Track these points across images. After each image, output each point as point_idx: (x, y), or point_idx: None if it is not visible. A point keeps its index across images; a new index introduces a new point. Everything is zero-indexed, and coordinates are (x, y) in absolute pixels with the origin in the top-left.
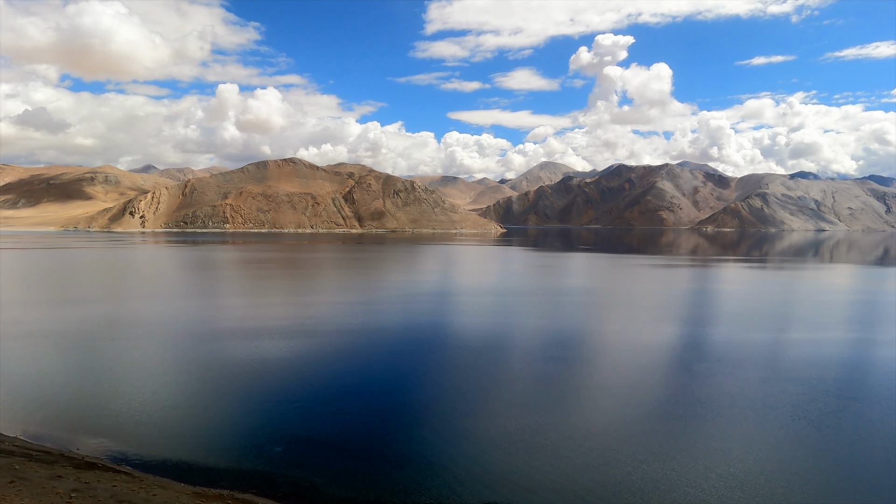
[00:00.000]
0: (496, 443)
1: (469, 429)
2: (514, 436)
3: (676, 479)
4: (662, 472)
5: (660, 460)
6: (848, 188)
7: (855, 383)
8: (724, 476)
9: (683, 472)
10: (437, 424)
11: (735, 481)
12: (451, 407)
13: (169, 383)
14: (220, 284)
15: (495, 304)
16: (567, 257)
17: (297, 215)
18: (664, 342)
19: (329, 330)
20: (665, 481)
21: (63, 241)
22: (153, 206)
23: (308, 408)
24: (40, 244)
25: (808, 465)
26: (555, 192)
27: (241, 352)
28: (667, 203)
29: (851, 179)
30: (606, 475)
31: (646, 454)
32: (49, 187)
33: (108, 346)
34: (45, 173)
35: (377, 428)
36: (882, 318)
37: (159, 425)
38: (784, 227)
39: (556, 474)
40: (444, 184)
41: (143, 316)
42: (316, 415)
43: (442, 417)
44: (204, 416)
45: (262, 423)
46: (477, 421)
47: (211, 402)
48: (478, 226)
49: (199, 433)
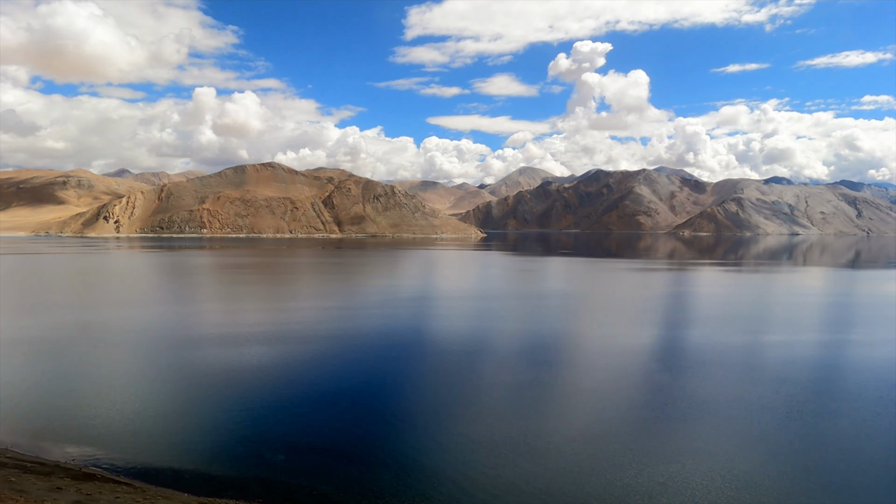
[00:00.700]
0: (482, 447)
1: (455, 433)
2: (500, 440)
3: (663, 482)
4: (647, 475)
5: (645, 464)
6: (820, 193)
7: (839, 383)
8: (712, 478)
9: (668, 475)
10: (422, 429)
11: (724, 483)
12: (436, 412)
13: (159, 390)
14: (199, 290)
15: (479, 308)
16: (547, 261)
17: (275, 220)
18: (646, 345)
19: (315, 336)
20: (650, 485)
21: (35, 246)
22: (128, 211)
23: (305, 414)
24: (11, 249)
25: (797, 465)
26: (534, 197)
27: (229, 358)
28: (644, 208)
29: (823, 184)
30: (593, 479)
31: (631, 458)
32: (19, 191)
33: (91, 353)
34: (14, 177)
35: (372, 434)
36: (858, 319)
37: (154, 434)
38: (759, 231)
39: (545, 478)
40: (424, 188)
41: (123, 322)
42: (312, 421)
43: (427, 422)
44: (199, 424)
45: (261, 430)
46: (463, 425)
47: (204, 410)
48: (458, 230)
49: (195, 441)
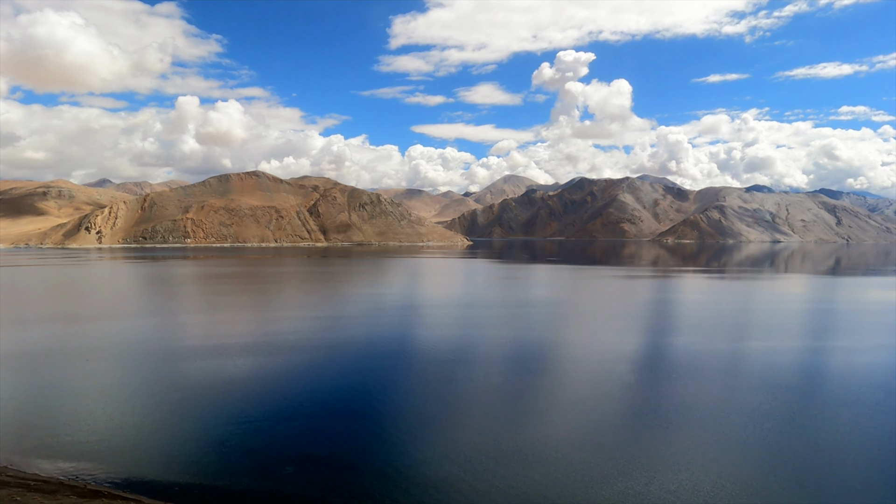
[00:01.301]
0: (475, 456)
1: (446, 442)
2: (492, 449)
3: (653, 490)
4: (637, 483)
5: (634, 473)
6: (801, 201)
7: (826, 389)
8: (702, 485)
9: (658, 483)
10: (414, 439)
11: (714, 489)
12: (428, 421)
13: (155, 403)
14: (185, 301)
15: (468, 316)
16: (534, 269)
17: (260, 229)
18: (634, 353)
19: (306, 346)
20: (641, 493)
21: (15, 258)
22: (110, 221)
23: (306, 425)
24: None
25: (787, 471)
26: (519, 204)
27: (223, 369)
28: (628, 215)
29: (803, 193)
30: (584, 487)
31: (620, 466)
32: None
33: (84, 367)
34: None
35: (367, 444)
36: (841, 325)
37: (155, 448)
38: (742, 238)
39: (536, 487)
40: (409, 196)
41: (113, 335)
42: (311, 432)
43: (419, 432)
44: (199, 437)
45: (262, 442)
46: (453, 434)
47: (203, 422)
48: (444, 238)
49: (198, 454)
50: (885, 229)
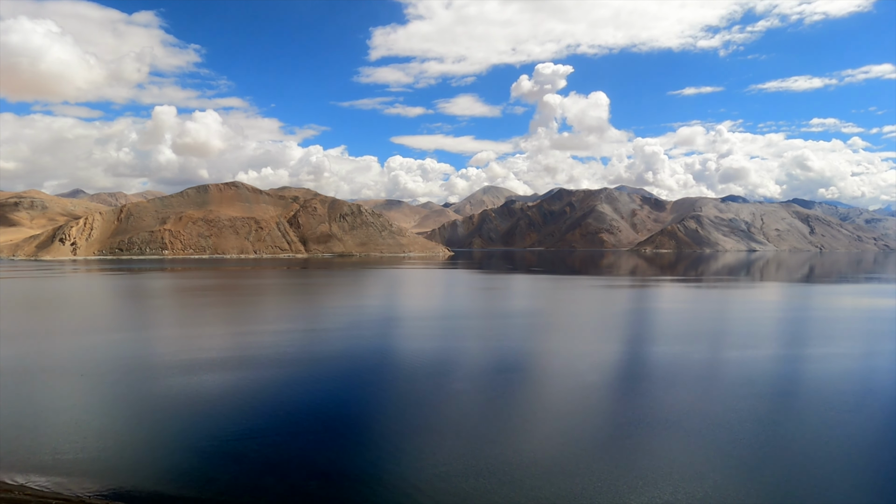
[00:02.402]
0: (451, 467)
1: (424, 454)
2: (471, 460)
3: (631, 501)
4: (618, 495)
5: (614, 484)
6: (775, 211)
7: (806, 395)
8: (684, 492)
9: (638, 495)
10: (391, 450)
11: (694, 497)
12: (405, 433)
13: (159, 419)
14: (166, 315)
15: (453, 327)
16: (517, 279)
17: (239, 240)
18: (614, 363)
19: (293, 359)
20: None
21: None
22: (86, 233)
23: (291, 439)
24: None
25: (768, 478)
26: (498, 215)
27: (209, 384)
28: (607, 225)
29: (777, 202)
30: (561, 500)
31: (599, 477)
32: None
33: (80, 382)
34: None
35: (352, 456)
36: (822, 332)
37: (165, 462)
38: (718, 247)
39: (514, 499)
40: (389, 207)
41: (102, 349)
42: (296, 446)
43: (396, 443)
44: (206, 451)
45: (250, 454)
46: (437, 447)
47: (208, 436)
48: (426, 249)
49: (210, 469)
50: (856, 238)
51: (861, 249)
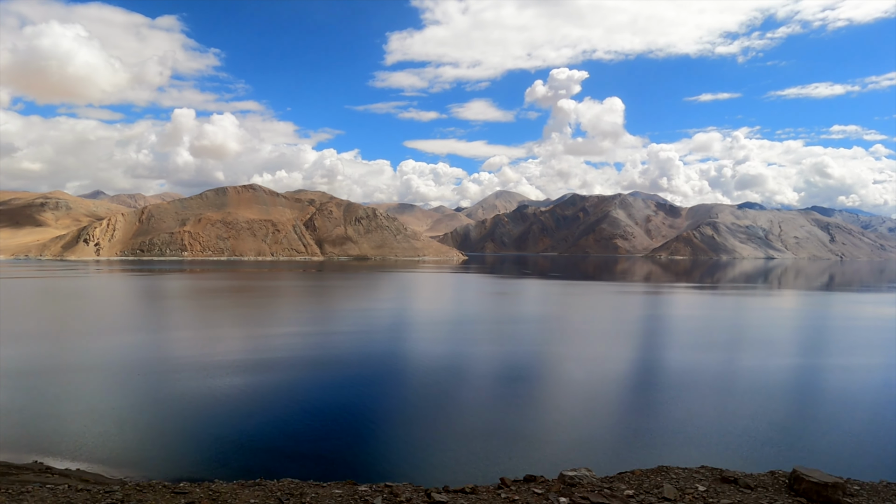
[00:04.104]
0: (464, 471)
1: (436, 458)
2: (483, 464)
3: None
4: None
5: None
6: (793, 218)
7: (829, 404)
8: None
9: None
10: (403, 451)
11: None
12: (418, 436)
13: (232, 414)
14: (201, 316)
15: (478, 331)
16: (536, 284)
17: (257, 242)
18: (635, 370)
19: (314, 362)
20: None
21: (18, 270)
22: (108, 234)
23: (304, 437)
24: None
25: None
26: (511, 220)
27: (233, 384)
28: (621, 231)
29: (795, 210)
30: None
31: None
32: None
33: (142, 381)
34: None
35: (366, 457)
36: (844, 342)
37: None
38: (735, 254)
39: None
40: (401, 211)
41: (153, 349)
42: (310, 445)
43: (408, 446)
44: (252, 441)
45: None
46: (442, 451)
47: (243, 428)
48: (440, 253)
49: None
50: (878, 246)
51: (884, 258)
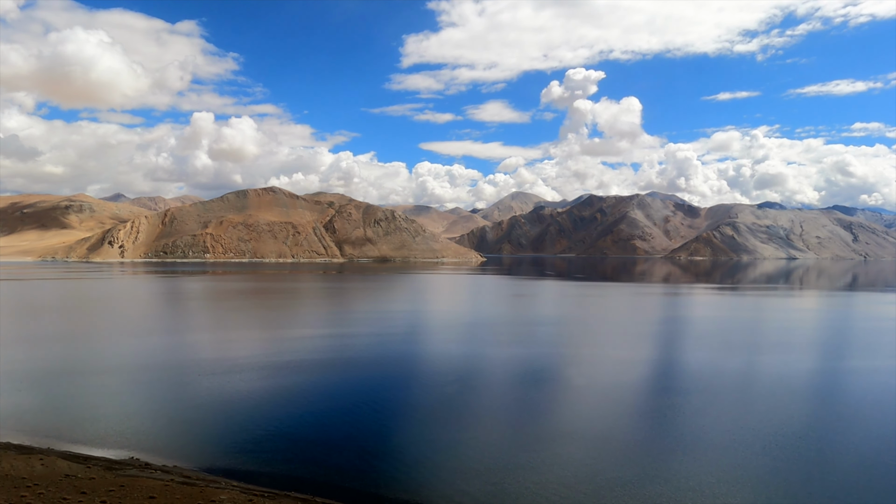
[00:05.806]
0: (479, 479)
1: (455, 463)
2: (499, 470)
3: None
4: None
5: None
6: (815, 218)
7: (850, 412)
8: None
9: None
10: (422, 458)
11: None
12: (435, 441)
13: (305, 413)
14: (237, 317)
15: (502, 333)
16: (557, 286)
17: (278, 244)
18: (656, 372)
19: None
20: None
21: (47, 271)
22: (132, 236)
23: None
24: (25, 275)
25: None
26: (528, 221)
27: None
28: (639, 232)
29: (817, 209)
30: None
31: (627, 492)
32: (23, 216)
33: (207, 381)
34: (19, 202)
35: (385, 465)
36: (869, 343)
37: (265, 446)
38: (756, 255)
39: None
40: (417, 213)
41: (206, 349)
42: (331, 450)
43: (426, 451)
44: (303, 435)
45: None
46: (462, 457)
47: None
48: (458, 254)
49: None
50: None
51: None
